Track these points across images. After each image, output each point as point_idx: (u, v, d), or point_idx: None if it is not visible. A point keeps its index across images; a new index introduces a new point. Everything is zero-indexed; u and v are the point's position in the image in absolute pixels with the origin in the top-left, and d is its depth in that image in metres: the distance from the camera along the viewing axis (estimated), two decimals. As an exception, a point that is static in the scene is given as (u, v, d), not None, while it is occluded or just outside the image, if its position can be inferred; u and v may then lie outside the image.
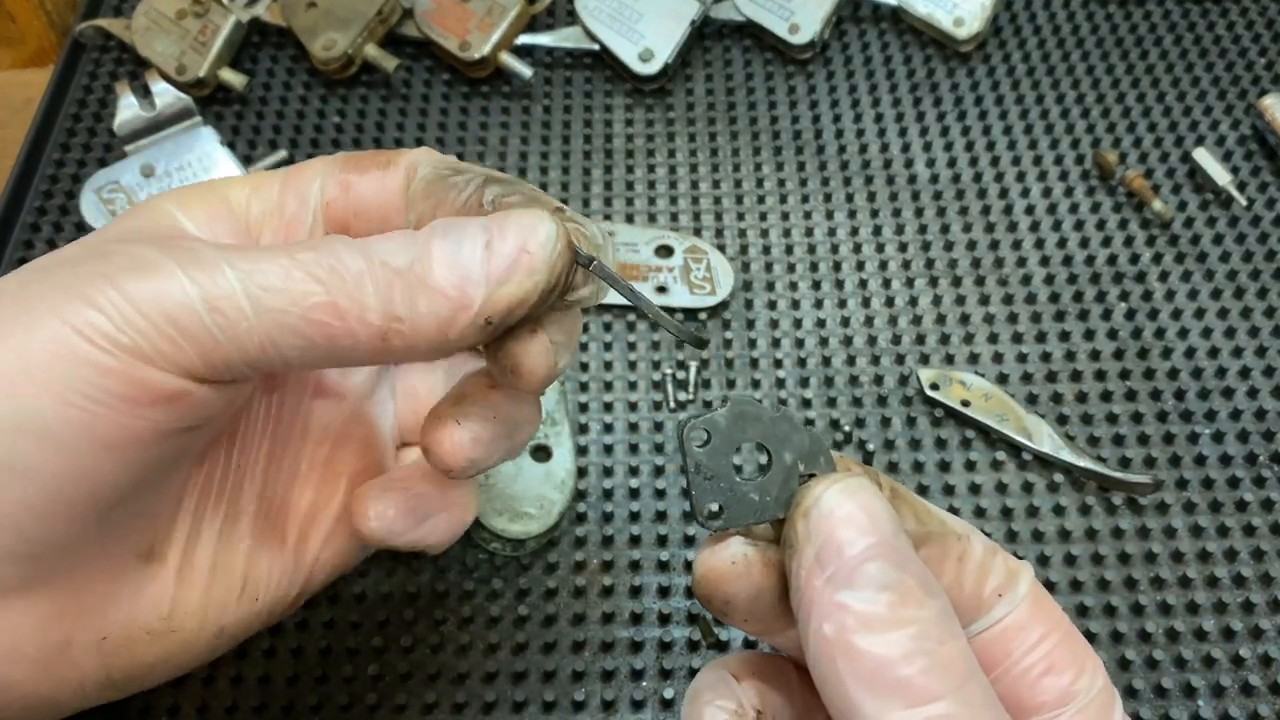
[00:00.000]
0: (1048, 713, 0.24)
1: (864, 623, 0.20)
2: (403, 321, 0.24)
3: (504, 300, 0.25)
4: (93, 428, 0.23)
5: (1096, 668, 0.24)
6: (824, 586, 0.21)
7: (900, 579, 0.21)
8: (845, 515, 0.22)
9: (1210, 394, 0.43)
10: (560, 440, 0.39)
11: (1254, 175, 0.50)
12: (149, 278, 0.23)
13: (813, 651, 0.21)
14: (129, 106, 0.47)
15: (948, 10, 0.53)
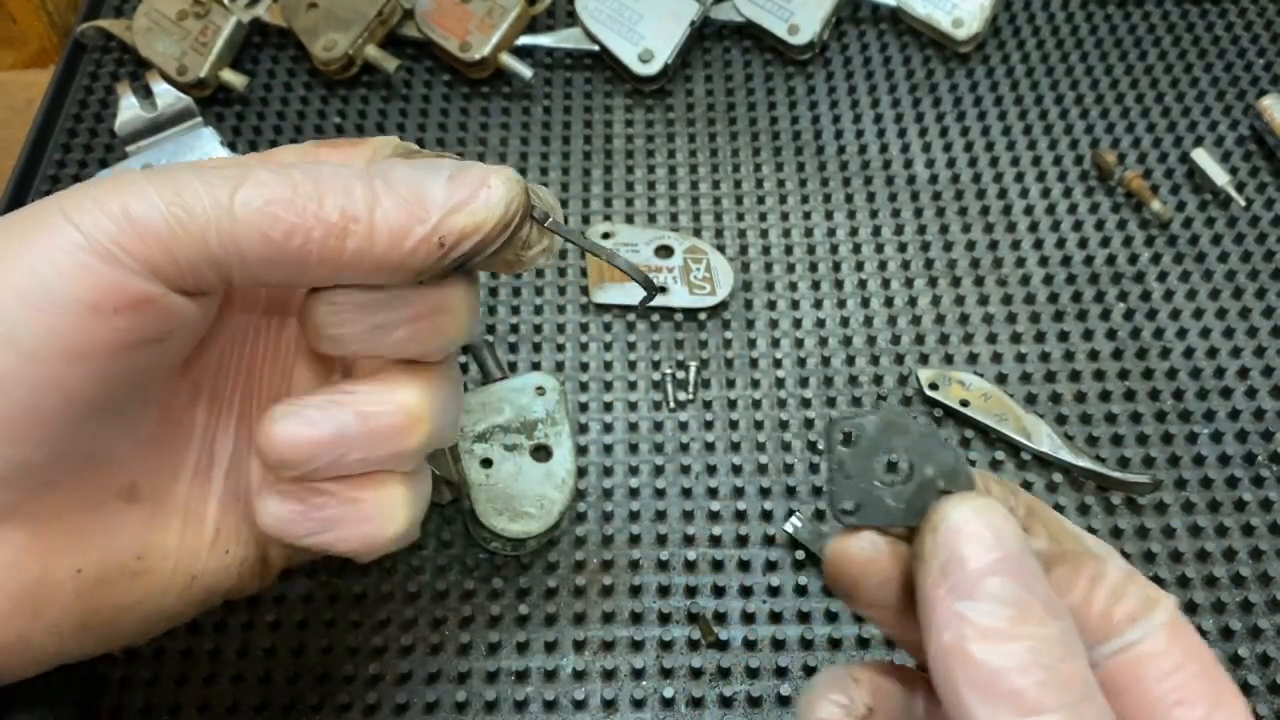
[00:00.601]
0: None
1: (981, 633, 0.21)
2: (359, 222, 0.25)
3: (460, 223, 0.26)
4: (61, 334, 0.23)
5: (1235, 706, 0.23)
6: (945, 596, 0.21)
7: (1021, 595, 0.21)
8: (972, 532, 0.22)
9: (1208, 394, 0.43)
10: (560, 440, 0.40)
11: (1252, 176, 0.50)
12: (115, 186, 0.24)
13: (932, 657, 0.21)
14: (130, 107, 0.47)
15: (947, 11, 0.54)
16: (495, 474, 0.39)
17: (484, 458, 0.39)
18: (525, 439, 0.39)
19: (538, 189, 0.28)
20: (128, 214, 0.23)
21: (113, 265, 0.23)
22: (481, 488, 0.38)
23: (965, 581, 0.21)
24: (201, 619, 0.31)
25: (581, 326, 0.45)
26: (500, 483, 0.38)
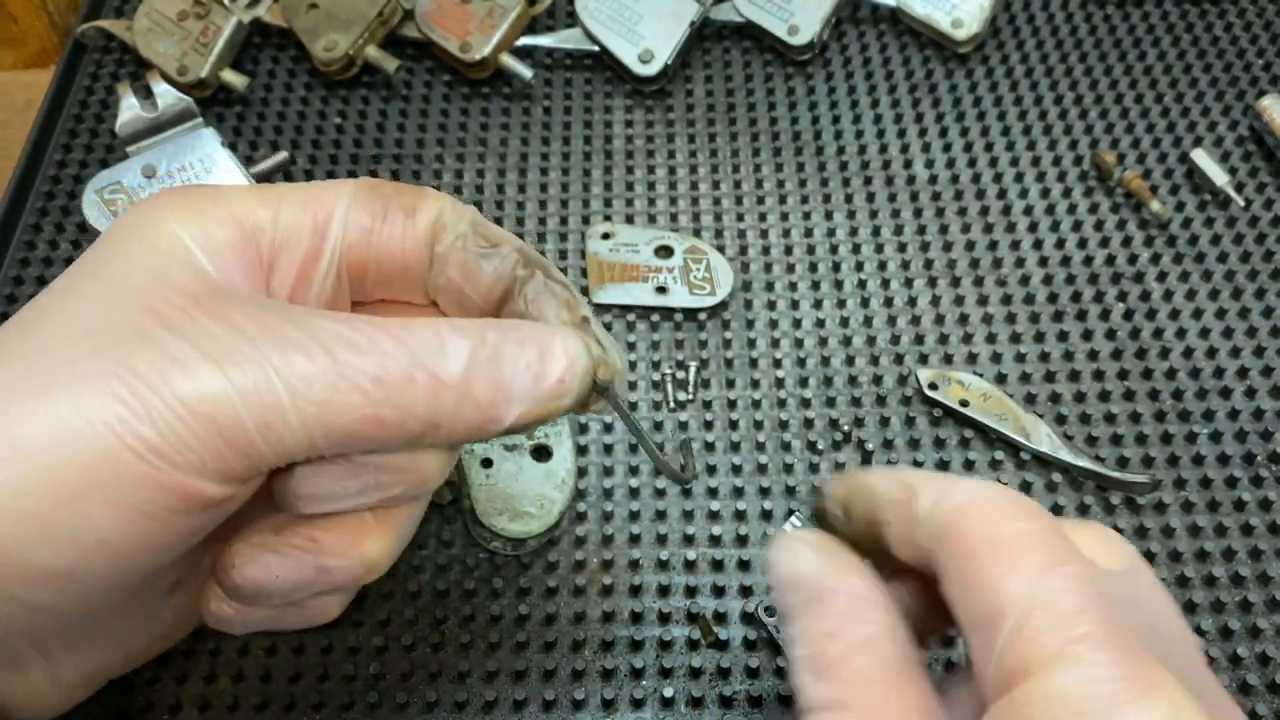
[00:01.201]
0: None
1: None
2: (439, 428, 0.25)
3: (530, 418, 0.26)
4: (147, 535, 0.24)
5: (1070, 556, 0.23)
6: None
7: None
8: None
9: (1208, 394, 0.44)
10: (560, 440, 0.40)
11: (1252, 176, 0.50)
12: (194, 383, 0.23)
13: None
14: (130, 107, 0.47)
15: (946, 11, 0.54)
16: (495, 474, 0.39)
17: (484, 458, 0.39)
18: (525, 439, 0.39)
19: (605, 344, 0.29)
20: (214, 429, 0.23)
21: (198, 477, 0.24)
22: (481, 487, 0.38)
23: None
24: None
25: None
26: (500, 483, 0.39)
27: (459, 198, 0.49)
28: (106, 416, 0.23)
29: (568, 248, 0.48)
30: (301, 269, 0.28)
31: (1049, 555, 0.22)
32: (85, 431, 0.23)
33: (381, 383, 0.24)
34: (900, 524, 0.25)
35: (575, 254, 0.48)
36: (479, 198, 0.50)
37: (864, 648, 0.23)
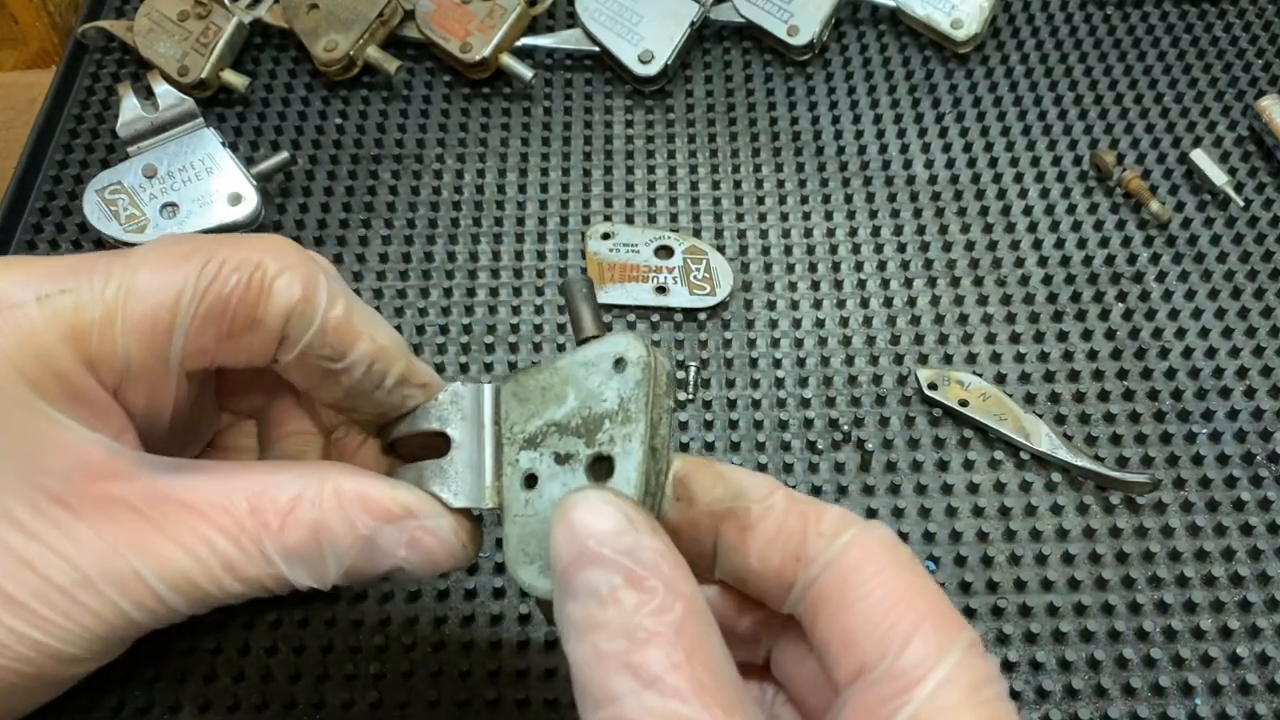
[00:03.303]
0: (864, 678, 0.22)
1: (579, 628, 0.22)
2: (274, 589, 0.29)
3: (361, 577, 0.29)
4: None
5: (942, 632, 0.22)
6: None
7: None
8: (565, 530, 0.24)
9: (1207, 394, 0.44)
10: (628, 450, 0.27)
11: (1251, 176, 0.50)
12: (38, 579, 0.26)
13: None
14: (131, 108, 0.47)
15: (946, 12, 0.54)
16: (536, 500, 0.28)
17: (528, 472, 0.28)
18: (584, 445, 0.28)
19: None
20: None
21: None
22: (517, 518, 0.28)
23: (561, 580, 0.23)
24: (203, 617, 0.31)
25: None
26: (539, 514, 0.28)
27: (459, 198, 0.50)
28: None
29: (568, 248, 0.48)
30: (148, 397, 0.28)
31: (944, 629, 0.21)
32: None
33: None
34: (767, 537, 0.24)
35: (575, 254, 0.48)
36: (479, 198, 0.50)
37: (701, 657, 0.21)
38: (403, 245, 0.48)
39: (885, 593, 0.22)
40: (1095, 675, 0.37)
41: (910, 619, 0.21)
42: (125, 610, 0.26)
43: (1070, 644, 0.38)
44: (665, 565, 0.22)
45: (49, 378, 0.25)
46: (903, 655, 0.21)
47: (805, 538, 0.23)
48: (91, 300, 0.26)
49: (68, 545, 0.25)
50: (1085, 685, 0.37)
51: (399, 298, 0.46)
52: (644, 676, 0.20)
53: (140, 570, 0.25)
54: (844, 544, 0.23)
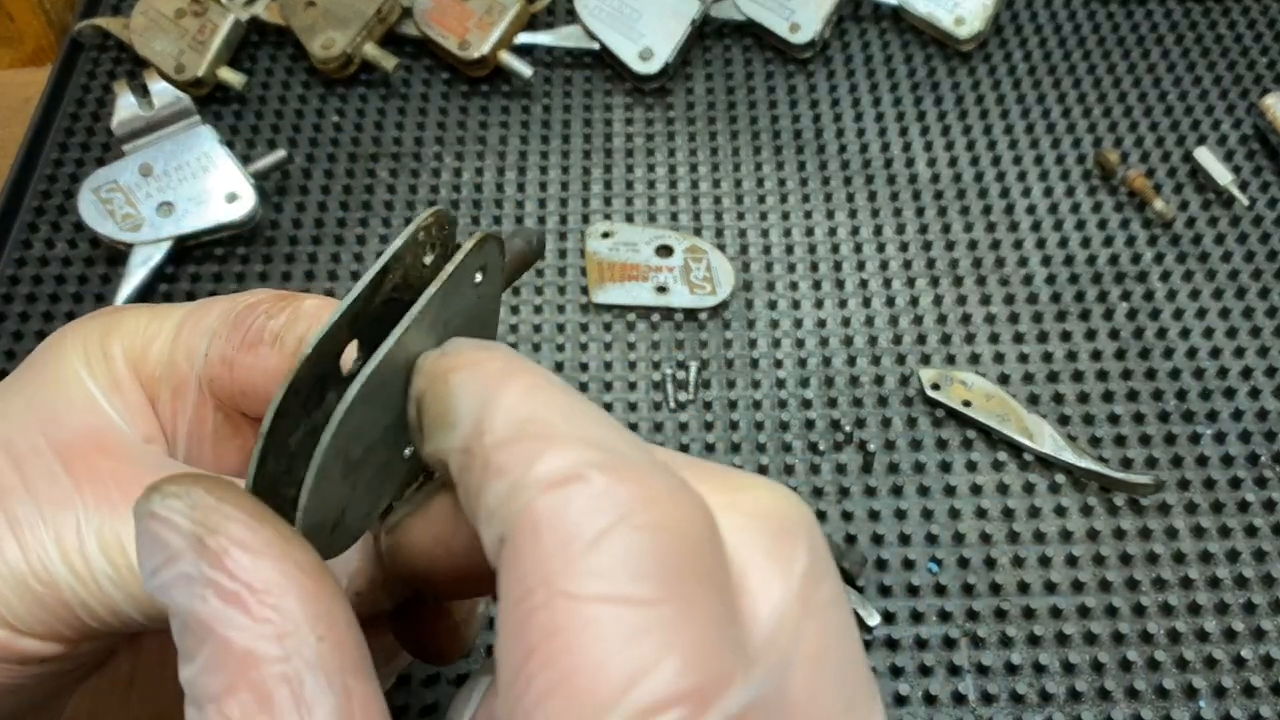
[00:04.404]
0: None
1: None
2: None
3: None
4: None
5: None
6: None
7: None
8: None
9: (1212, 394, 0.43)
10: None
11: (1256, 175, 0.50)
12: (18, 545, 0.22)
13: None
14: (127, 106, 0.47)
15: (949, 9, 0.53)
16: None
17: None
18: None
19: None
20: (35, 597, 0.22)
21: (18, 634, 0.22)
22: None
23: None
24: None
25: (581, 326, 0.45)
26: None
27: (457, 196, 0.49)
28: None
29: (567, 247, 0.48)
30: (174, 401, 0.26)
31: (634, 668, 0.14)
32: None
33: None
34: (464, 492, 0.17)
35: (575, 253, 0.47)
36: (478, 196, 0.49)
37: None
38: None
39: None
40: (1099, 678, 0.37)
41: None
42: (60, 574, 0.23)
43: (1074, 646, 0.37)
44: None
45: (98, 358, 0.25)
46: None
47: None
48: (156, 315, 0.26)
49: (47, 489, 0.23)
50: (1089, 688, 0.36)
51: (397, 297, 0.46)
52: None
53: (85, 538, 0.22)
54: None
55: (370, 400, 0.18)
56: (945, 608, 0.38)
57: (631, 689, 0.14)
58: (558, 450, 0.15)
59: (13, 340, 0.45)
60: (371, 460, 0.20)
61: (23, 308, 0.46)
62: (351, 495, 0.19)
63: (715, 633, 0.15)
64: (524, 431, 0.16)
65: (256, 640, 0.16)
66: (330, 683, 0.16)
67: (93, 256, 0.47)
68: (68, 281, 0.47)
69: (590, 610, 0.14)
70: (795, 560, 0.16)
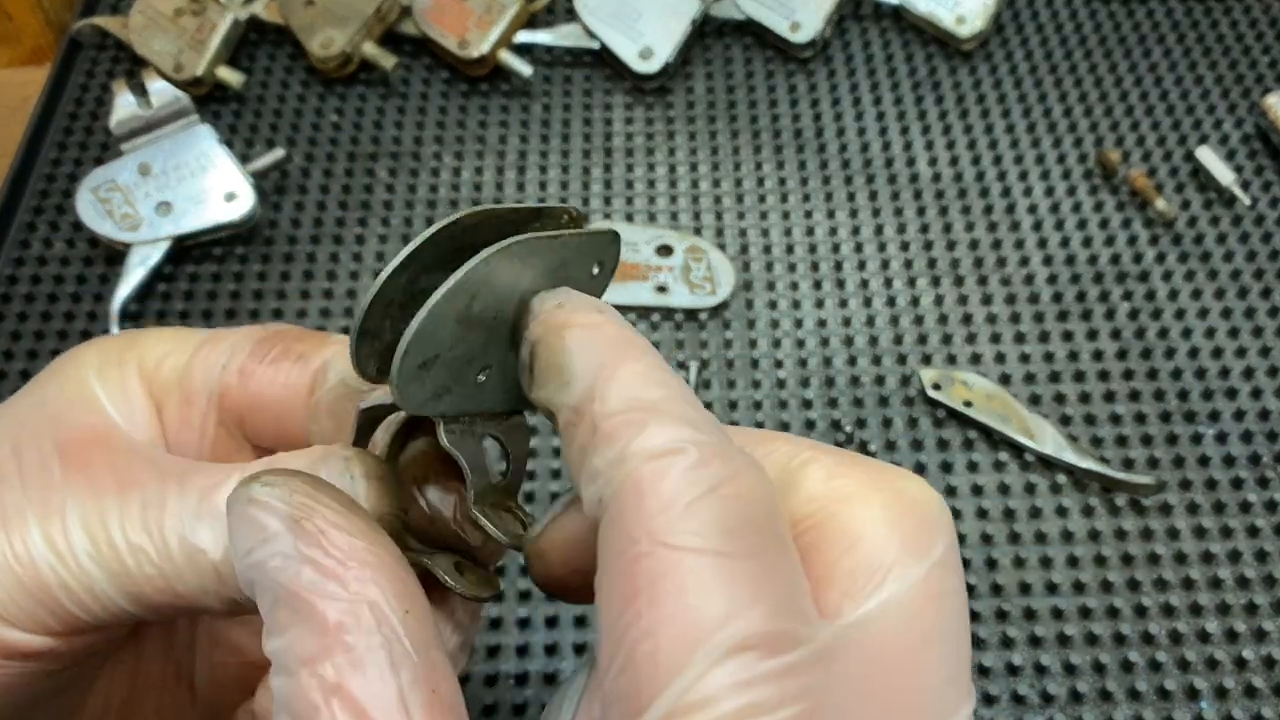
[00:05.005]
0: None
1: None
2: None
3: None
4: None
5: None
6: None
7: None
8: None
9: (1214, 394, 0.43)
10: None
11: (1257, 174, 0.50)
12: (10, 537, 0.22)
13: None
14: (126, 105, 0.47)
15: (949, 8, 0.53)
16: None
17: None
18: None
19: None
20: (20, 583, 0.22)
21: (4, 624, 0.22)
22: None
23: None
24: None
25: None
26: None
27: (456, 196, 0.49)
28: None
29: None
30: (181, 416, 0.26)
31: (734, 629, 0.16)
32: None
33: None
34: (573, 447, 0.19)
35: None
36: (477, 196, 0.49)
37: (376, 697, 0.17)
38: (400, 243, 0.48)
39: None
40: (1100, 679, 0.37)
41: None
42: (41, 555, 0.22)
43: (1075, 647, 0.37)
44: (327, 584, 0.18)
45: (112, 365, 0.26)
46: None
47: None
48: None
49: (38, 478, 0.23)
50: (1090, 689, 0.36)
51: (397, 297, 0.46)
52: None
53: (68, 520, 0.22)
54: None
55: (493, 283, 0.20)
56: (946, 609, 0.38)
57: (727, 625, 0.16)
58: (661, 426, 0.17)
59: (11, 340, 0.45)
60: (478, 341, 0.21)
61: (21, 307, 0.46)
62: (454, 352, 0.20)
63: (792, 588, 0.17)
64: (633, 405, 0.18)
65: (351, 610, 0.18)
66: (415, 650, 0.18)
67: (91, 256, 0.47)
68: (66, 281, 0.46)
69: (690, 560, 0.16)
70: (933, 549, 0.18)
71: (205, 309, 0.46)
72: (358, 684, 0.17)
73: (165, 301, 0.46)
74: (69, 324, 0.45)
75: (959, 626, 0.19)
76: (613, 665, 0.17)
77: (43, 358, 0.44)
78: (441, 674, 0.18)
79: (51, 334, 0.45)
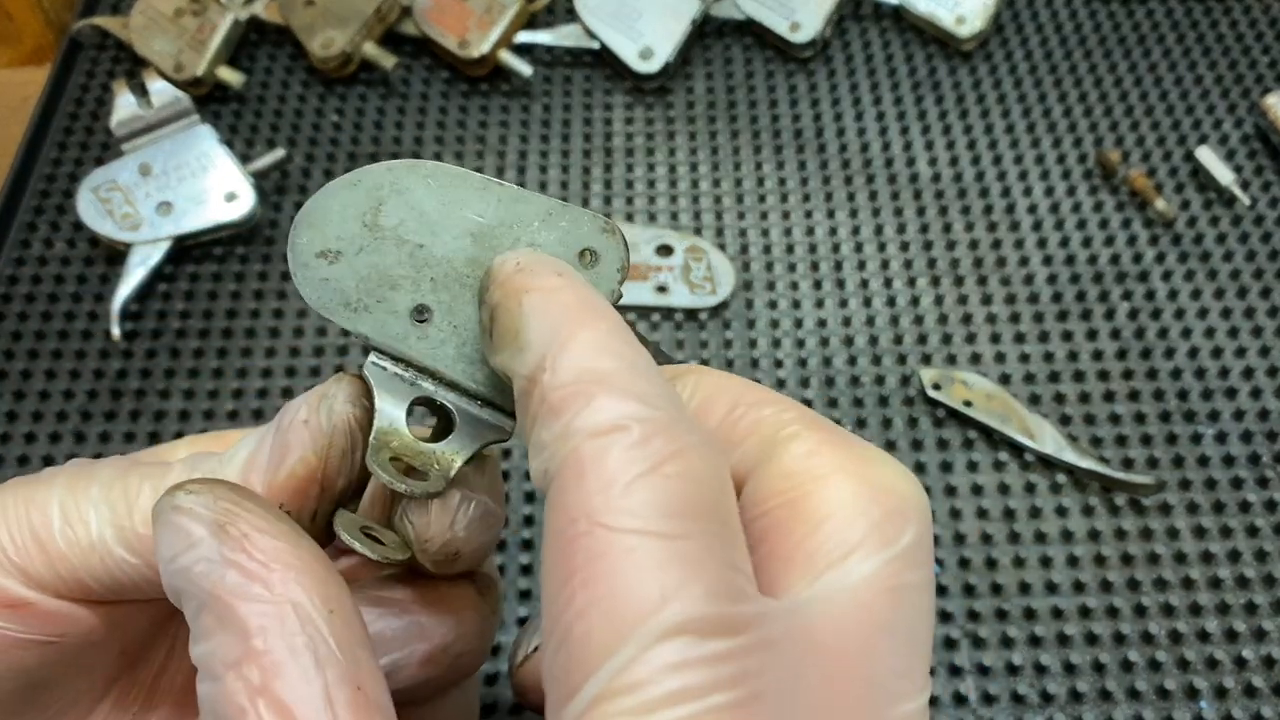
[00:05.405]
0: None
1: None
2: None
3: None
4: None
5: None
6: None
7: None
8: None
9: (1214, 394, 0.43)
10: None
11: (1257, 174, 0.50)
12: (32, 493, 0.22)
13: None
14: (126, 105, 0.47)
15: (949, 8, 0.53)
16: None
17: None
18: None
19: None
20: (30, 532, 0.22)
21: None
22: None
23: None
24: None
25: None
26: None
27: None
28: None
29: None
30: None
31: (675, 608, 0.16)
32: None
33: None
34: (524, 418, 0.19)
35: (575, 253, 0.47)
36: (478, 196, 0.49)
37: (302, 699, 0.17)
38: (401, 244, 0.48)
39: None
40: (1100, 678, 0.37)
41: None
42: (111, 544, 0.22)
43: (1075, 647, 0.37)
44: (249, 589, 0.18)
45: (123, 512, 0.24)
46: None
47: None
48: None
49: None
50: (1090, 689, 0.36)
51: (397, 297, 0.46)
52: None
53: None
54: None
55: (407, 199, 0.21)
56: (946, 608, 0.38)
57: (662, 608, 0.15)
58: (607, 401, 0.17)
59: (11, 340, 0.45)
60: (400, 265, 0.22)
61: (21, 307, 0.46)
62: (362, 259, 0.21)
63: (731, 570, 0.17)
64: (582, 377, 0.18)
65: (275, 613, 0.18)
66: (340, 650, 0.18)
67: (91, 256, 0.47)
68: (66, 281, 0.46)
69: (626, 540, 0.16)
70: (900, 538, 0.18)
71: (206, 309, 0.46)
72: (282, 685, 0.17)
73: (165, 301, 0.46)
74: (69, 324, 0.45)
75: (917, 621, 0.18)
76: (549, 644, 0.16)
77: (43, 357, 0.44)
78: (367, 672, 0.18)
79: (52, 334, 0.45)
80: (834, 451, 0.19)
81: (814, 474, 0.18)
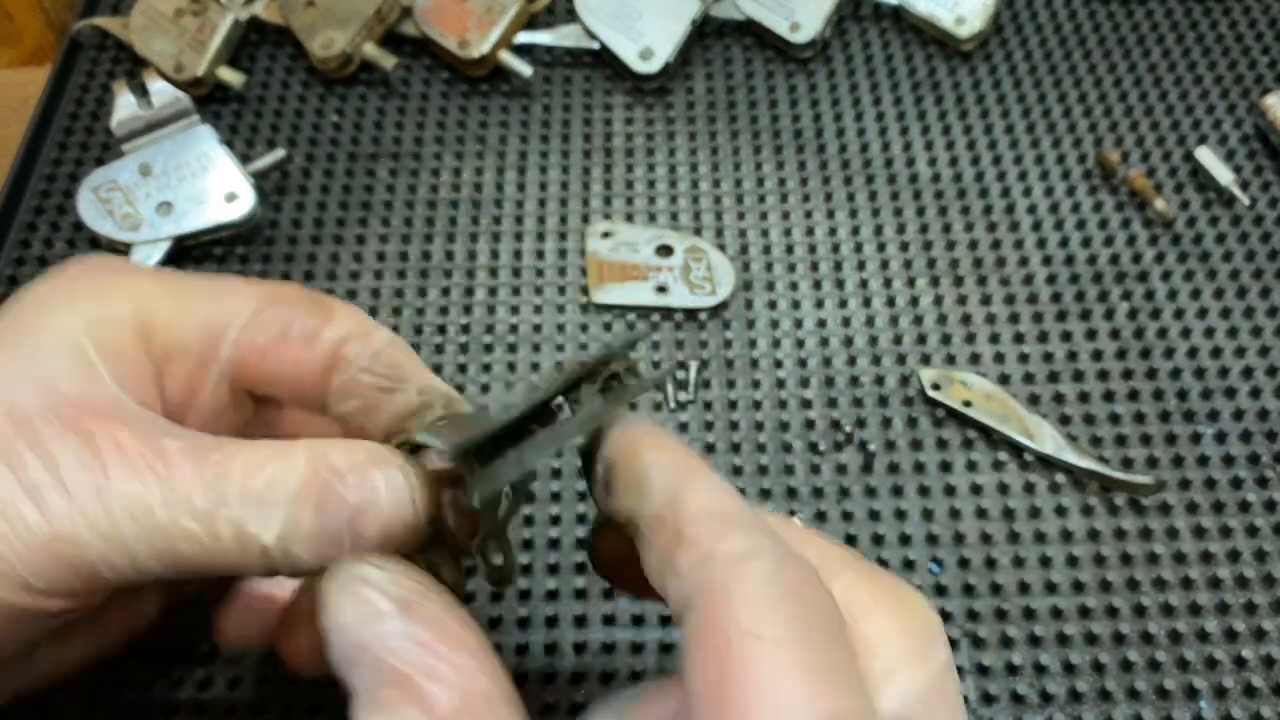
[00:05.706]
0: None
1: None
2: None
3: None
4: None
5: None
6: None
7: None
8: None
9: (1213, 394, 0.43)
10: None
11: (1257, 174, 0.50)
12: (37, 509, 0.23)
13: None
14: (126, 105, 0.47)
15: (949, 9, 0.53)
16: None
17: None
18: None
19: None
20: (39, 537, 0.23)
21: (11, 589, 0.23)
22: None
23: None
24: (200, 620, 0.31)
25: (581, 326, 0.45)
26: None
27: (457, 196, 0.49)
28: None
29: (567, 247, 0.48)
30: (189, 380, 0.27)
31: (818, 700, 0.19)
32: None
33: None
34: (654, 548, 0.22)
35: (575, 253, 0.47)
36: (477, 196, 0.49)
37: None
38: (400, 244, 0.48)
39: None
40: (1099, 678, 0.37)
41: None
42: (87, 536, 0.23)
43: (1074, 647, 0.37)
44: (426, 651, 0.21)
45: (105, 323, 0.26)
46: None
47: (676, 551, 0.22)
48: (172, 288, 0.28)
49: (60, 454, 0.23)
50: (1090, 688, 0.36)
51: (396, 297, 0.46)
52: None
53: (112, 505, 0.23)
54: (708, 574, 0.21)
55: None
56: (946, 608, 0.38)
57: (815, 702, 0.18)
58: (739, 533, 0.20)
59: (12, 340, 0.45)
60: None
61: (22, 308, 0.46)
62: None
63: (858, 675, 0.20)
64: (712, 514, 0.21)
65: (464, 698, 0.20)
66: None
67: (92, 256, 0.47)
68: (67, 281, 0.46)
69: (777, 650, 0.19)
70: (937, 654, 0.22)
71: (206, 309, 0.46)
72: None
73: (166, 301, 0.46)
74: (70, 324, 0.45)
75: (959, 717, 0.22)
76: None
77: (43, 358, 0.44)
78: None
79: (52, 334, 0.45)
80: (868, 586, 0.22)
81: (854, 606, 0.22)
